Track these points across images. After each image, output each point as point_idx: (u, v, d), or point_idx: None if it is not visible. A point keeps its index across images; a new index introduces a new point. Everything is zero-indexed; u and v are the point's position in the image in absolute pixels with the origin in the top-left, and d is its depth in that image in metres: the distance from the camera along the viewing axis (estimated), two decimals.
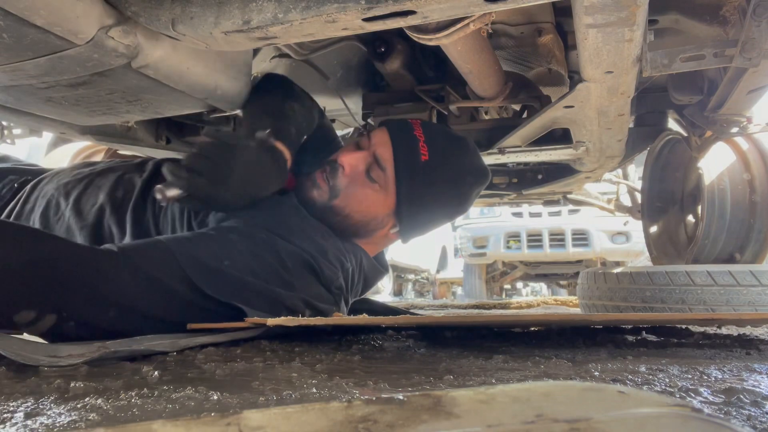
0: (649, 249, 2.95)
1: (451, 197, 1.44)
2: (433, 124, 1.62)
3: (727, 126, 1.88)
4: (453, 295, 11.77)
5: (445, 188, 1.41)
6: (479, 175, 1.49)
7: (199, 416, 0.39)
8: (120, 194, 1.50)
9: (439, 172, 1.38)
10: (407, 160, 1.36)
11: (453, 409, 0.39)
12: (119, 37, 1.05)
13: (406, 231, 1.46)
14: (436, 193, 1.40)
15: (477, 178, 1.48)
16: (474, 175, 1.47)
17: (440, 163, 1.38)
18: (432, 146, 1.39)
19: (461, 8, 0.94)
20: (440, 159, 1.38)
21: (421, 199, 1.38)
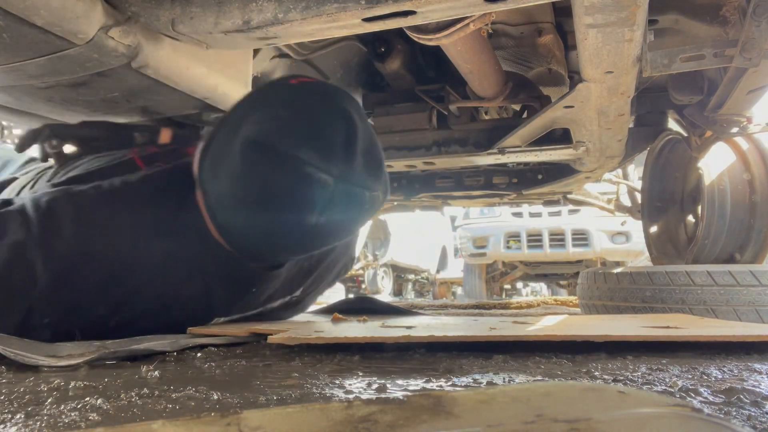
0: (649, 249, 2.95)
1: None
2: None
3: (727, 126, 1.88)
4: (453, 295, 11.77)
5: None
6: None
7: (199, 416, 0.39)
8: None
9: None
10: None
11: (453, 409, 0.39)
12: (119, 37, 1.06)
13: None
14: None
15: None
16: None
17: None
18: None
19: (461, 8, 0.94)
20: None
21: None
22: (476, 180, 2.93)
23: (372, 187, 1.08)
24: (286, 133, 1.02)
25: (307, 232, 1.07)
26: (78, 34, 1.00)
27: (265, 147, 1.01)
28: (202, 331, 1.18)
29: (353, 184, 1.04)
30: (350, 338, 1.08)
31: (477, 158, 2.15)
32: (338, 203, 1.04)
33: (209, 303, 1.21)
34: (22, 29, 0.95)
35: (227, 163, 1.05)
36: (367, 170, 1.06)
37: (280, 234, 1.08)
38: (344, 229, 1.13)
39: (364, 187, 1.06)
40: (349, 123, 1.05)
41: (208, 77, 1.33)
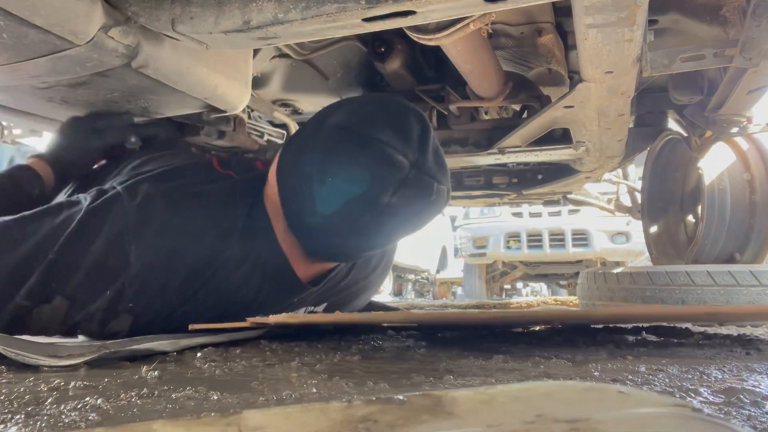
0: (649, 249, 2.95)
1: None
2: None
3: (727, 126, 1.88)
4: (453, 295, 11.77)
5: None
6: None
7: (199, 416, 0.39)
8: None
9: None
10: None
11: (453, 409, 0.39)
12: (119, 37, 1.06)
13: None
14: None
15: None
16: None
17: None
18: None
19: (461, 8, 0.94)
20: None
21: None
22: (476, 180, 2.93)
23: (440, 180, 1.18)
24: (370, 120, 1.15)
25: (380, 214, 1.13)
26: (78, 34, 1.00)
27: (350, 130, 1.14)
28: (204, 326, 1.19)
29: (424, 173, 1.14)
30: (349, 318, 1.09)
31: (477, 158, 2.15)
32: (410, 187, 1.13)
33: (256, 302, 1.26)
34: (22, 29, 0.95)
35: (312, 148, 1.17)
36: (436, 164, 1.17)
37: (355, 214, 1.14)
38: (412, 217, 1.19)
39: (433, 177, 1.16)
40: (423, 122, 1.18)
41: (208, 77, 1.33)
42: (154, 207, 1.15)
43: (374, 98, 1.27)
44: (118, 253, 1.10)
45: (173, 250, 1.14)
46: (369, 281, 1.56)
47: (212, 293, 1.20)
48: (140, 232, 1.12)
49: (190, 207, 1.19)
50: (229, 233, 1.20)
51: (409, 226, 1.23)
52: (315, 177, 1.14)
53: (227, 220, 1.21)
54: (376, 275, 1.58)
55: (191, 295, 1.17)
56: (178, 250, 1.15)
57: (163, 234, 1.14)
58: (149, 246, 1.12)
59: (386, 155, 1.10)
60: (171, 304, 1.16)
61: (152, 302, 1.14)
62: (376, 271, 1.57)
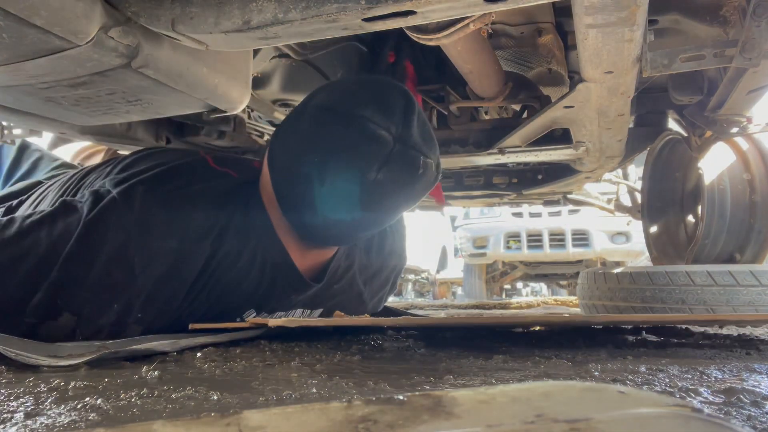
0: (649, 249, 2.95)
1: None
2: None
3: (727, 126, 1.88)
4: (453, 295, 11.77)
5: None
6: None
7: (199, 416, 0.39)
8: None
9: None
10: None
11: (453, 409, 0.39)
12: (119, 37, 1.06)
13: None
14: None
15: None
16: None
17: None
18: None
19: (461, 8, 0.94)
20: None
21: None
22: (476, 180, 2.93)
23: (426, 154, 1.17)
24: (352, 98, 1.16)
25: (368, 190, 1.14)
26: (78, 34, 1.00)
27: (333, 109, 1.15)
28: (204, 326, 1.19)
29: (410, 146, 1.14)
30: (350, 320, 1.09)
31: (477, 158, 2.15)
32: (396, 162, 1.13)
33: (256, 295, 1.27)
34: (22, 29, 0.95)
35: (297, 129, 1.19)
36: (422, 138, 1.17)
37: (343, 191, 1.15)
38: (401, 191, 1.19)
39: (419, 151, 1.15)
40: (407, 97, 1.17)
41: (208, 77, 1.32)
42: (153, 215, 1.14)
43: (357, 78, 1.28)
44: (122, 266, 1.08)
45: (178, 256, 1.13)
46: (371, 294, 1.55)
47: (215, 289, 1.20)
48: (142, 242, 1.10)
49: (190, 209, 1.18)
50: (226, 228, 1.20)
51: (400, 202, 1.22)
52: (302, 158, 1.15)
53: (226, 216, 1.21)
54: (375, 288, 1.56)
55: (196, 296, 1.17)
56: (183, 255, 1.14)
57: (166, 241, 1.13)
58: (153, 255, 1.11)
59: (369, 131, 1.10)
60: (180, 308, 1.16)
61: (162, 310, 1.14)
62: (378, 284, 1.56)
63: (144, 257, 1.10)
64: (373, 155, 1.11)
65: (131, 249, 1.09)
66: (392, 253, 1.56)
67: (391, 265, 1.56)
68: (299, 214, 1.21)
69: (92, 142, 1.93)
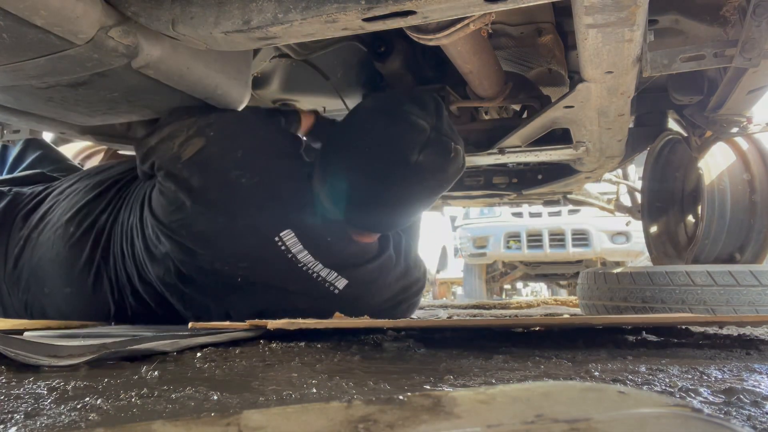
0: (649, 249, 2.95)
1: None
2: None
3: (727, 126, 1.88)
4: (453, 295, 11.77)
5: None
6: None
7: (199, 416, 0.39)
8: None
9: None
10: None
11: (453, 409, 0.39)
12: (119, 37, 1.06)
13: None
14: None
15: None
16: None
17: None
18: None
19: (461, 8, 0.94)
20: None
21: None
22: (476, 180, 2.93)
23: (456, 141, 1.41)
24: (393, 98, 1.46)
25: (410, 172, 1.36)
26: (78, 34, 1.00)
27: (379, 109, 1.43)
28: (204, 325, 1.19)
29: (443, 134, 1.38)
30: (350, 322, 1.09)
31: (477, 158, 2.15)
32: (433, 146, 1.36)
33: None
34: (22, 29, 0.95)
35: (349, 128, 1.43)
36: (450, 129, 1.42)
37: (391, 174, 1.36)
38: (437, 173, 1.40)
39: (450, 138, 1.40)
40: (436, 98, 1.45)
41: (208, 77, 1.33)
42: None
43: (394, 90, 1.58)
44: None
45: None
46: (392, 293, 1.58)
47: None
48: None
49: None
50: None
51: (437, 184, 1.44)
52: (355, 150, 1.38)
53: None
54: (397, 290, 1.59)
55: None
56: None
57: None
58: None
59: (410, 120, 1.35)
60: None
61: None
62: (399, 288, 1.59)
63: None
64: (415, 140, 1.34)
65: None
66: (416, 266, 1.66)
67: (415, 276, 1.64)
68: (348, 202, 1.40)
69: (92, 142, 1.93)
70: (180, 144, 1.40)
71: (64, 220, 1.59)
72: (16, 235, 1.67)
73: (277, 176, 1.42)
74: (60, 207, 1.64)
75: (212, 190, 1.37)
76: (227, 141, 1.41)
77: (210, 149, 1.39)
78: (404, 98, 1.41)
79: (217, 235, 1.37)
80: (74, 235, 1.56)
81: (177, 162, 1.38)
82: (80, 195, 1.64)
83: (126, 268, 1.50)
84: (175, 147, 1.40)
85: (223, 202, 1.37)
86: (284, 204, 1.40)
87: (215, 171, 1.38)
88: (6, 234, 1.69)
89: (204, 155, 1.38)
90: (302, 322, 1.07)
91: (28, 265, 1.63)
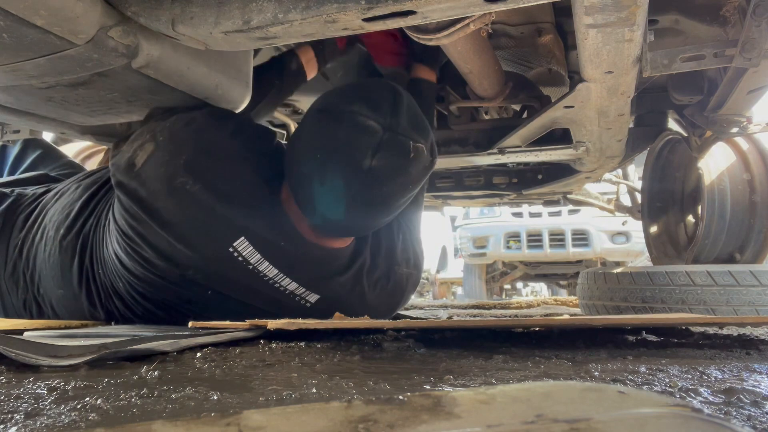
0: (649, 249, 2.95)
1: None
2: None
3: (727, 126, 1.88)
4: (453, 295, 11.77)
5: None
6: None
7: (199, 416, 0.39)
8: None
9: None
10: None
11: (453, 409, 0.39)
12: (119, 37, 1.06)
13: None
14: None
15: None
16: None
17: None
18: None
19: (461, 8, 0.94)
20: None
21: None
22: (476, 180, 2.93)
23: (416, 139, 1.27)
24: (343, 97, 1.29)
25: (366, 178, 1.24)
26: (78, 34, 1.00)
27: (327, 110, 1.28)
28: (204, 324, 1.19)
29: (399, 133, 1.25)
30: (350, 323, 1.09)
31: (477, 158, 2.15)
32: (387, 148, 1.23)
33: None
34: (22, 29, 0.95)
35: (300, 133, 1.33)
36: (411, 125, 1.27)
37: (344, 182, 1.25)
38: (398, 176, 1.28)
39: (408, 137, 1.26)
40: (395, 91, 1.30)
41: (208, 77, 1.33)
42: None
43: (351, 82, 1.42)
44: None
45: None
46: (376, 298, 1.53)
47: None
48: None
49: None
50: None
51: (398, 188, 1.30)
52: (306, 156, 1.28)
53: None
54: (383, 294, 1.54)
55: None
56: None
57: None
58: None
59: (358, 123, 1.22)
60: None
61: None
62: (386, 292, 1.54)
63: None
64: (365, 144, 1.22)
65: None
66: (404, 261, 1.57)
67: (403, 273, 1.56)
68: (312, 210, 1.32)
69: (92, 142, 1.93)
70: (135, 149, 1.35)
71: (57, 222, 1.58)
72: (17, 236, 1.67)
73: (223, 181, 1.33)
74: (53, 207, 1.64)
75: (159, 199, 1.31)
76: (173, 146, 1.33)
77: (158, 155, 1.32)
78: (353, 96, 1.28)
79: (171, 247, 1.32)
80: (65, 237, 1.55)
81: (131, 170, 1.33)
82: (72, 197, 1.62)
83: (109, 273, 1.48)
84: (131, 152, 1.35)
85: (170, 212, 1.31)
86: (232, 210, 1.32)
87: (160, 179, 1.31)
88: (7, 235, 1.69)
89: (152, 162, 1.32)
90: (302, 322, 1.07)
91: (26, 266, 1.63)
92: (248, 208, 1.34)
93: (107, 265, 1.48)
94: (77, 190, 1.64)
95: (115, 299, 1.50)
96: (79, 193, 1.62)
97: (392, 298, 1.56)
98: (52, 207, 1.65)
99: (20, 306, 1.64)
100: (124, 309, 1.50)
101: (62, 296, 1.55)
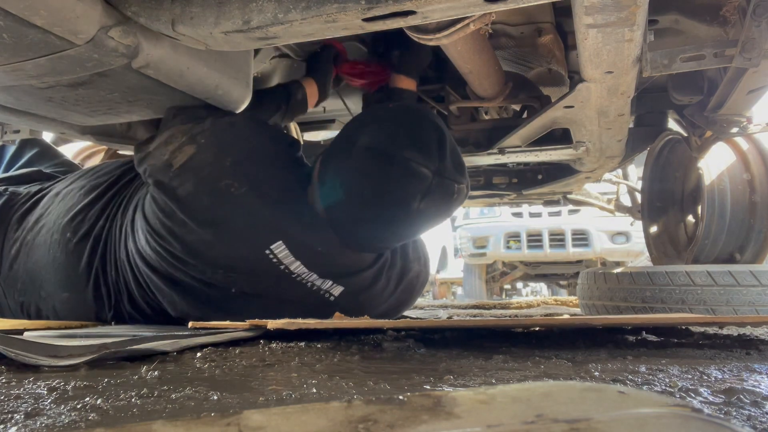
0: (649, 249, 2.95)
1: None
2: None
3: (727, 126, 1.88)
4: (453, 295, 11.77)
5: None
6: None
7: (199, 416, 0.39)
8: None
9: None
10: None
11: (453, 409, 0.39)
12: (119, 37, 1.06)
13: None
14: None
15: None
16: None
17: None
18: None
19: (461, 8, 0.94)
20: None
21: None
22: (476, 180, 2.93)
23: (459, 181, 1.36)
24: (392, 138, 1.33)
25: (411, 218, 1.34)
26: (78, 34, 1.00)
27: (379, 151, 1.32)
28: (204, 325, 1.19)
29: (446, 177, 1.33)
30: (349, 323, 1.09)
31: (477, 158, 2.15)
32: (435, 192, 1.32)
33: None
34: (22, 29, 0.95)
35: (347, 167, 1.35)
36: (454, 167, 1.35)
37: (390, 221, 1.35)
38: (439, 215, 1.40)
39: (453, 180, 1.34)
40: (439, 131, 1.36)
41: (208, 77, 1.33)
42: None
43: (393, 114, 1.43)
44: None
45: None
46: (392, 294, 1.58)
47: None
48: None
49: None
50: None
51: (437, 222, 1.43)
52: (353, 191, 1.34)
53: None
54: (398, 290, 1.59)
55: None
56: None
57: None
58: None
59: (411, 170, 1.29)
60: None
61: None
62: (401, 288, 1.59)
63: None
64: (416, 190, 1.30)
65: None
66: (415, 258, 1.63)
67: (415, 270, 1.62)
68: (353, 239, 1.40)
69: (92, 142, 1.93)
70: (172, 151, 1.37)
71: (60, 224, 1.58)
72: (12, 236, 1.67)
73: (268, 186, 1.38)
74: (55, 209, 1.64)
75: (201, 200, 1.34)
76: (217, 149, 1.37)
77: (200, 157, 1.36)
78: (404, 136, 1.32)
79: (207, 246, 1.35)
80: (71, 241, 1.55)
81: (168, 170, 1.36)
82: (75, 198, 1.62)
83: (123, 272, 1.49)
84: (167, 154, 1.37)
85: (211, 212, 1.34)
86: (275, 214, 1.36)
87: (203, 180, 1.35)
88: (2, 235, 1.68)
89: (193, 163, 1.35)
90: (302, 322, 1.07)
91: (24, 268, 1.62)
92: (291, 213, 1.38)
93: (122, 265, 1.48)
94: (80, 191, 1.64)
95: (126, 300, 1.50)
96: (84, 194, 1.62)
97: (405, 294, 1.61)
98: (54, 209, 1.64)
99: (17, 308, 1.64)
100: (133, 310, 1.50)
101: (68, 299, 1.55)
